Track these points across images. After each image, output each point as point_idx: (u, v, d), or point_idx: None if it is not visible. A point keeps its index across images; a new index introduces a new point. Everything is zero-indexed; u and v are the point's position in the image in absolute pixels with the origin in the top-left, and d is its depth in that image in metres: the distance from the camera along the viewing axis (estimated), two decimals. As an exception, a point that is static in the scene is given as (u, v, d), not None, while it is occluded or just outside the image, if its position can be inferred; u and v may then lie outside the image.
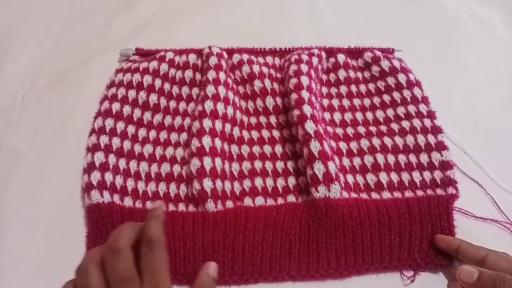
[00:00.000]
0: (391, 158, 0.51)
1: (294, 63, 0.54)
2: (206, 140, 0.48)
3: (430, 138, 0.51)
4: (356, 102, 0.56)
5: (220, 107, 0.51)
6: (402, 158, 0.51)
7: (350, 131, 0.53)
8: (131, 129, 0.51)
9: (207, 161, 0.47)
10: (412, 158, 0.51)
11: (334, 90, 0.58)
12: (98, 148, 0.48)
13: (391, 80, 0.56)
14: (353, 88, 0.57)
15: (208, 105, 0.51)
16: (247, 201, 0.48)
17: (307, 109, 0.49)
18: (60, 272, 0.42)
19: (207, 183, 0.46)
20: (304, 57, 0.55)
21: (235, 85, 0.56)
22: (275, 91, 0.55)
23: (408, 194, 0.49)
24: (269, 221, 0.46)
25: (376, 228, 0.46)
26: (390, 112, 0.55)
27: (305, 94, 0.51)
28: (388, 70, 0.57)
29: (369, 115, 0.55)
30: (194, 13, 0.67)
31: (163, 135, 0.52)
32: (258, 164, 0.50)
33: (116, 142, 0.50)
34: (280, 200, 0.48)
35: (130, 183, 0.48)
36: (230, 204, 0.47)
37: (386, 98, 0.56)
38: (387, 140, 0.52)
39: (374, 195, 0.49)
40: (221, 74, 0.54)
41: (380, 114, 0.55)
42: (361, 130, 0.53)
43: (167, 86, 0.55)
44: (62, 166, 0.50)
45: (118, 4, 0.67)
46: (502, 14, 0.69)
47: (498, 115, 0.58)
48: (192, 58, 0.57)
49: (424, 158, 0.51)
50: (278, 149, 0.52)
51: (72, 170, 0.49)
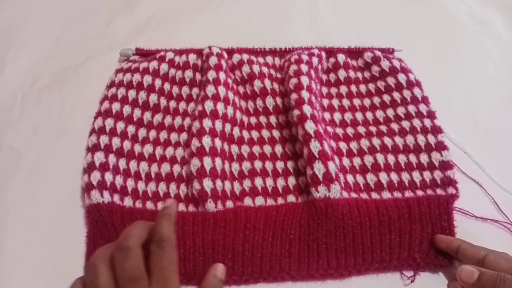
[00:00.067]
0: (391, 158, 0.51)
1: (294, 63, 0.54)
2: (206, 140, 0.48)
3: (430, 138, 0.51)
4: (356, 102, 0.56)
5: (220, 107, 0.51)
6: (402, 158, 0.51)
7: (350, 131, 0.53)
8: (131, 129, 0.51)
9: (207, 161, 0.47)
10: (412, 158, 0.51)
11: (334, 90, 0.58)
12: (98, 148, 0.48)
13: (391, 80, 0.56)
14: (353, 88, 0.57)
15: (208, 105, 0.51)
16: (247, 201, 0.48)
17: (307, 109, 0.49)
18: (60, 272, 0.43)
19: (207, 183, 0.46)
20: (304, 57, 0.55)
21: (235, 85, 0.56)
22: (275, 91, 0.55)
23: (408, 194, 0.49)
24: (269, 221, 0.46)
25: (376, 228, 0.46)
26: (390, 112, 0.55)
27: (305, 94, 0.51)
28: (388, 70, 0.57)
29: (369, 115, 0.55)
30: (194, 13, 0.67)
31: (163, 135, 0.52)
32: (258, 164, 0.50)
33: (116, 142, 0.50)
34: (280, 200, 0.48)
35: (130, 183, 0.48)
36: (230, 204, 0.46)
37: (386, 98, 0.56)
38: (387, 140, 0.52)
39: (374, 195, 0.49)
40: (221, 74, 0.54)
41: (380, 114, 0.55)
42: (361, 130, 0.53)
43: (167, 86, 0.55)
44: (62, 166, 0.50)
45: (118, 4, 0.67)
46: (502, 14, 0.69)
47: (498, 115, 0.58)
48: (192, 58, 0.57)
49: (424, 158, 0.51)
50: (278, 149, 0.52)
51: (72, 170, 0.49)
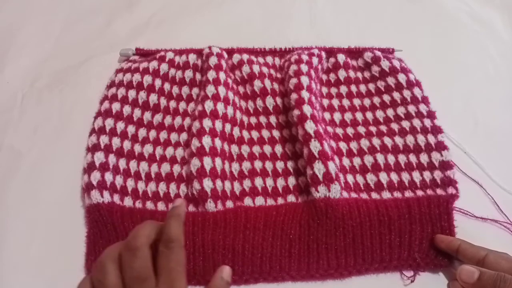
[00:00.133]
0: (391, 158, 0.51)
1: (294, 63, 0.54)
2: (206, 140, 0.48)
3: (430, 138, 0.51)
4: (356, 102, 0.56)
5: (220, 107, 0.51)
6: (402, 158, 0.51)
7: (350, 131, 0.53)
8: (131, 129, 0.51)
9: (207, 161, 0.47)
10: (412, 158, 0.51)
11: (334, 90, 0.58)
12: (98, 148, 0.48)
13: (391, 80, 0.56)
14: (353, 88, 0.57)
15: (208, 105, 0.51)
16: (247, 201, 0.48)
17: (307, 109, 0.49)
18: (60, 272, 0.43)
19: (207, 183, 0.46)
20: (304, 57, 0.55)
21: (235, 85, 0.56)
22: (275, 91, 0.55)
23: (408, 194, 0.49)
24: (269, 221, 0.46)
25: (376, 228, 0.46)
26: (390, 112, 0.55)
27: (305, 94, 0.51)
28: (388, 70, 0.57)
29: (369, 115, 0.55)
30: (194, 13, 0.67)
31: (163, 135, 0.52)
32: (258, 164, 0.50)
33: (116, 142, 0.50)
34: (280, 200, 0.48)
35: (130, 183, 0.48)
36: (230, 204, 0.46)
37: (386, 98, 0.56)
38: (387, 140, 0.52)
39: (374, 195, 0.49)
40: (221, 74, 0.54)
41: (380, 114, 0.55)
42: (361, 130, 0.53)
43: (167, 86, 0.55)
44: (62, 166, 0.50)
45: (118, 4, 0.67)
46: (502, 14, 0.69)
47: (498, 115, 0.58)
48: (192, 58, 0.57)
49: (424, 158, 0.51)
50: (278, 149, 0.52)
51: (72, 170, 0.49)
